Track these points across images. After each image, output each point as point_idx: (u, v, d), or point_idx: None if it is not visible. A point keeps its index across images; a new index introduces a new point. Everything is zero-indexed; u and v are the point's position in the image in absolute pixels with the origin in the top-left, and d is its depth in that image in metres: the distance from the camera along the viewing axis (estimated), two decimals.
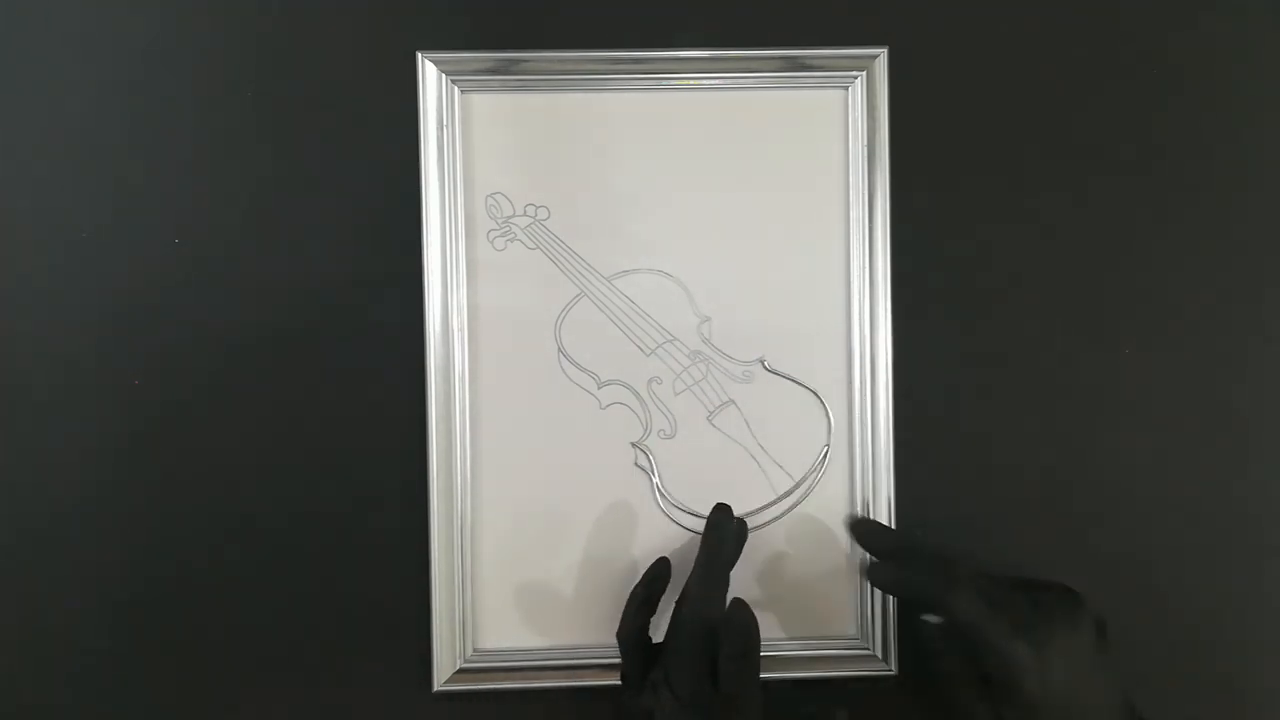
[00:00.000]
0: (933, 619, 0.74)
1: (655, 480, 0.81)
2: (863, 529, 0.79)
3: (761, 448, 0.82)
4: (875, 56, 0.82)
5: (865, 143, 0.82)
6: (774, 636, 0.82)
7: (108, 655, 0.80)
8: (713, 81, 0.81)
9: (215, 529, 0.81)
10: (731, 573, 0.79)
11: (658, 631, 0.75)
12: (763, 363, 0.82)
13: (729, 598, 0.71)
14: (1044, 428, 0.84)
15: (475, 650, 0.80)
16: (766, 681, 0.81)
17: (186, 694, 0.81)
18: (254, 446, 0.81)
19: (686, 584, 0.72)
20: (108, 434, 0.80)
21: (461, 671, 0.80)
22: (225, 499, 0.81)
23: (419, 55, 0.80)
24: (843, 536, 0.82)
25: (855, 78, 0.81)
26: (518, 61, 0.80)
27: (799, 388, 0.82)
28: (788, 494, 0.82)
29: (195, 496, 0.81)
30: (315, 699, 0.81)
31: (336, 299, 0.81)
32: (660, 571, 0.76)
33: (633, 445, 0.81)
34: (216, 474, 0.81)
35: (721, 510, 0.76)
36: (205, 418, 0.81)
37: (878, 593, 0.82)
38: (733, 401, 0.82)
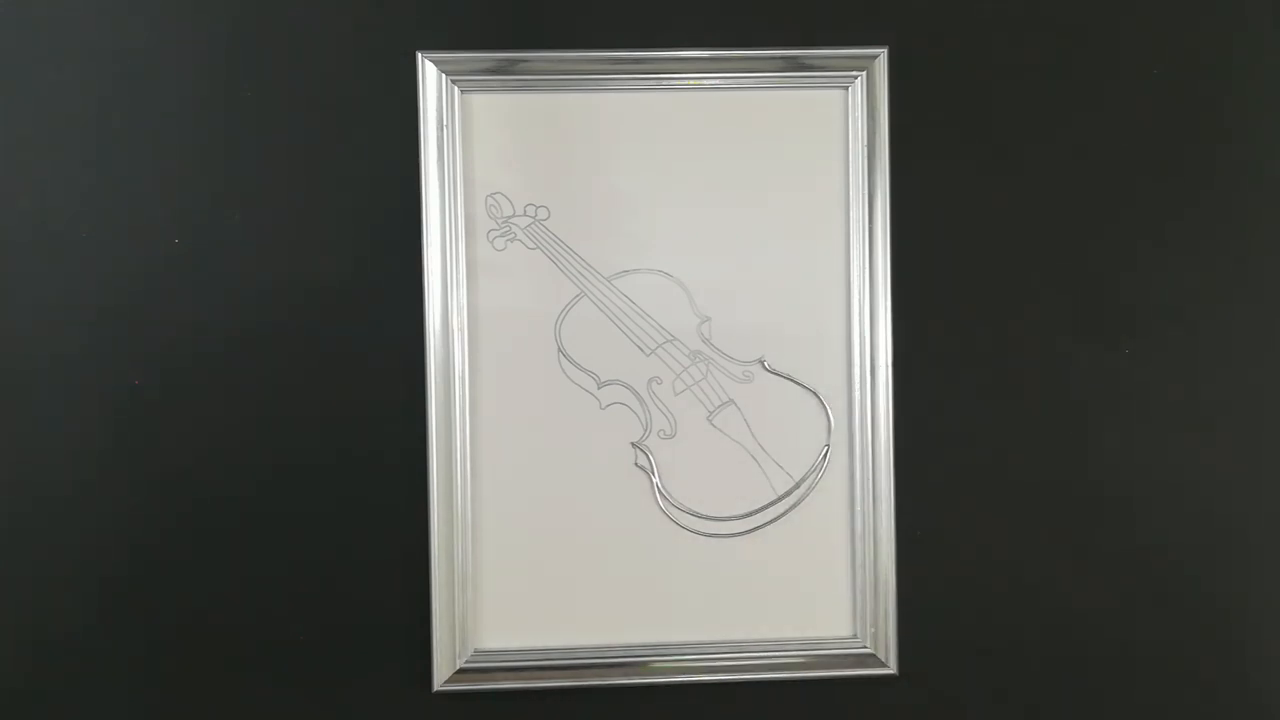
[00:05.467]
0: None
1: (655, 480, 0.81)
2: None
3: (761, 448, 0.82)
4: (875, 56, 0.82)
5: (865, 143, 0.82)
6: (774, 636, 0.82)
7: (106, 655, 0.80)
8: (713, 81, 0.81)
9: (214, 529, 0.81)
10: (734, 574, 0.80)
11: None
12: (763, 363, 0.82)
13: None
14: (1044, 428, 0.84)
15: (475, 651, 0.80)
16: (768, 681, 0.82)
17: (187, 694, 0.81)
18: (254, 446, 0.81)
19: None
20: (106, 433, 0.80)
21: (461, 672, 0.80)
22: (225, 498, 0.81)
23: (419, 55, 0.80)
24: (843, 536, 0.82)
25: (855, 78, 0.81)
26: (518, 61, 0.80)
27: (799, 388, 0.82)
28: (788, 494, 0.82)
29: (195, 496, 0.81)
30: (315, 699, 0.81)
31: (336, 299, 0.81)
32: None
33: (633, 445, 0.81)
34: (216, 473, 0.81)
35: None
36: (204, 417, 0.81)
37: (878, 593, 0.82)
38: (733, 401, 0.82)
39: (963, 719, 0.84)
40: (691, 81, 0.81)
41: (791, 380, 0.82)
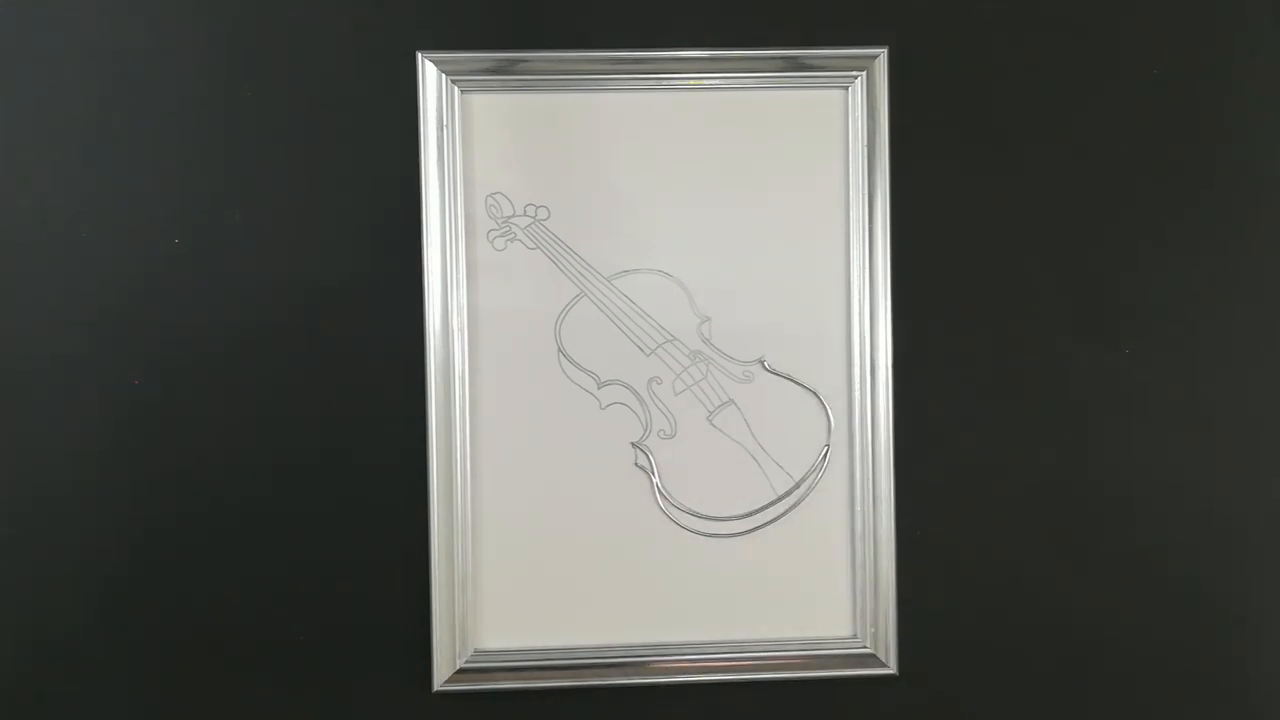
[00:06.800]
0: None
1: (655, 480, 0.81)
2: None
3: (761, 448, 0.82)
4: (875, 56, 0.82)
5: (865, 143, 0.82)
6: (774, 636, 0.82)
7: (107, 656, 0.80)
8: (713, 81, 0.81)
9: (215, 528, 0.81)
10: (734, 574, 0.80)
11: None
12: (763, 363, 0.82)
13: None
14: (1044, 428, 0.84)
15: (475, 651, 0.80)
16: (768, 681, 0.82)
17: (187, 694, 0.81)
18: (254, 446, 0.81)
19: None
20: (106, 433, 0.80)
21: (461, 672, 0.80)
22: (225, 498, 0.81)
23: (419, 55, 0.80)
24: (843, 536, 0.82)
25: (855, 78, 0.81)
26: (518, 61, 0.80)
27: (799, 388, 0.82)
28: (788, 494, 0.82)
29: (196, 496, 0.81)
30: (315, 699, 0.81)
31: (336, 299, 0.81)
32: None
33: (633, 445, 0.81)
34: (216, 473, 0.81)
35: None
36: (204, 417, 0.81)
37: (878, 593, 0.82)
38: (733, 401, 0.82)
39: (963, 719, 0.84)
40: (692, 81, 0.81)
41: (791, 380, 0.82)
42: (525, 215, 0.81)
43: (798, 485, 0.82)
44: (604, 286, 0.82)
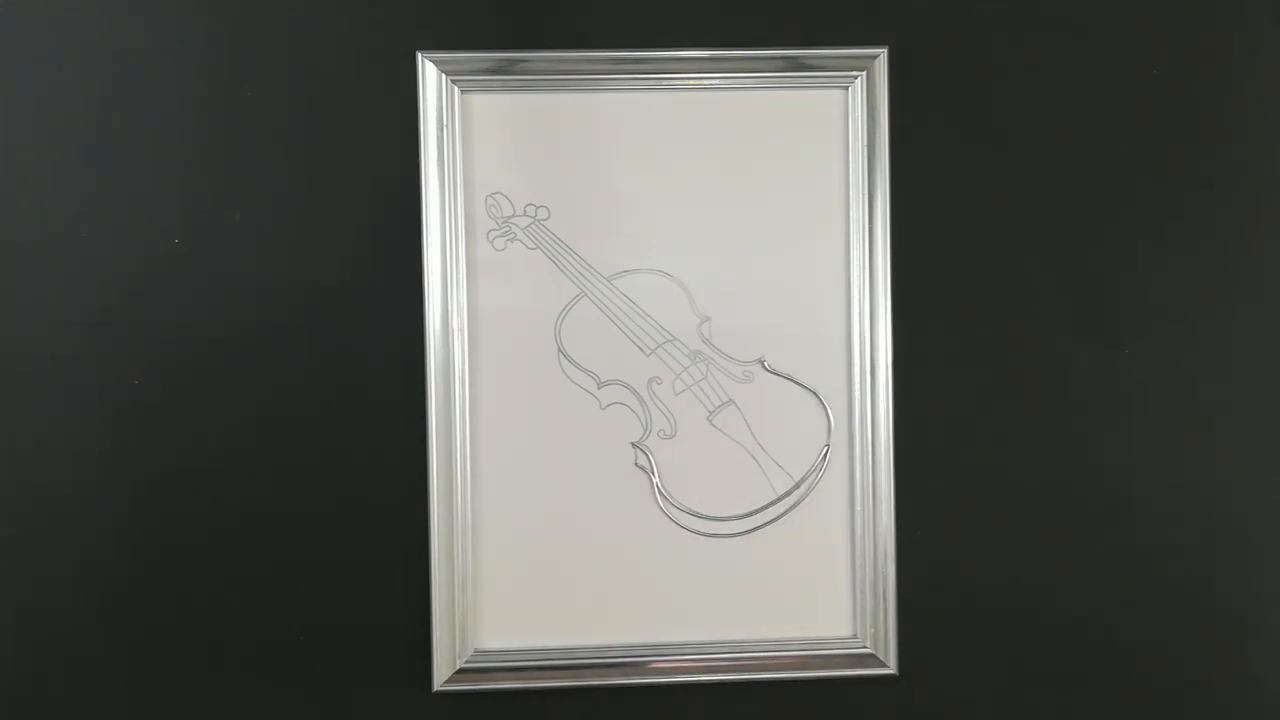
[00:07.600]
0: None
1: (655, 480, 0.81)
2: None
3: (761, 448, 0.82)
4: (875, 56, 0.82)
5: (865, 143, 0.82)
6: (774, 636, 0.82)
7: (106, 655, 0.80)
8: (713, 81, 0.81)
9: (215, 528, 0.81)
10: (734, 574, 0.80)
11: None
12: (763, 363, 0.82)
13: None
14: (1044, 428, 0.84)
15: (475, 651, 0.80)
16: (768, 681, 0.82)
17: (187, 694, 0.81)
18: (254, 446, 0.81)
19: None
20: (106, 433, 0.80)
21: (461, 672, 0.80)
22: (225, 498, 0.81)
23: (419, 55, 0.80)
24: (843, 536, 0.82)
25: (855, 78, 0.81)
26: (518, 61, 0.80)
27: (799, 388, 0.82)
28: (788, 494, 0.82)
29: (196, 496, 0.81)
30: (315, 699, 0.81)
31: (336, 299, 0.81)
32: None
33: (633, 445, 0.81)
34: (216, 473, 0.81)
35: None
36: (204, 417, 0.81)
37: (878, 593, 0.82)
38: (733, 401, 0.82)
39: (963, 719, 0.84)
40: (692, 81, 0.81)
41: (791, 380, 0.82)
42: (525, 215, 0.81)
43: (798, 485, 0.82)
44: (604, 286, 0.82)
